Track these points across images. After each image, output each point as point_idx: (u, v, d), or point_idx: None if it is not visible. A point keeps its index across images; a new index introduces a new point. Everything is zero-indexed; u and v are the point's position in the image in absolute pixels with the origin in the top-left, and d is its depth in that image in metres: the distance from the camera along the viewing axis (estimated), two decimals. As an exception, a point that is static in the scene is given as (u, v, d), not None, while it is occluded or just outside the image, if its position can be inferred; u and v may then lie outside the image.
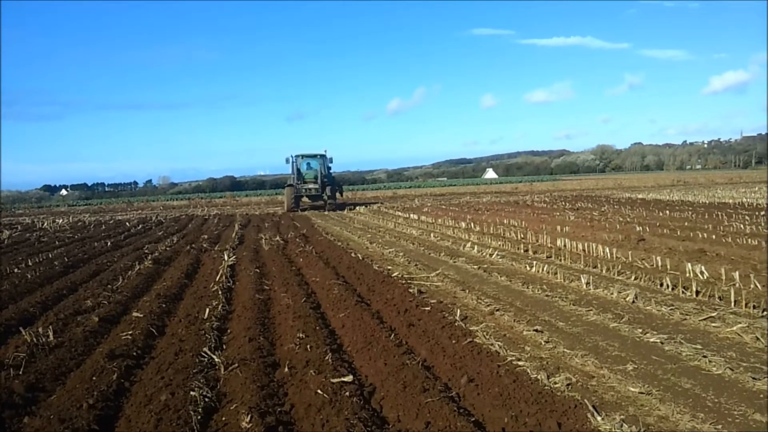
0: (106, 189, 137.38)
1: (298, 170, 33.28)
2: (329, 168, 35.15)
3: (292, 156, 33.43)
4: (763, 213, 20.71)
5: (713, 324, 7.11)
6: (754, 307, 7.69)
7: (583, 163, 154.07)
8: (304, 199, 34.04)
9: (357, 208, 34.67)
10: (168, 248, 16.53)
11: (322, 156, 34.17)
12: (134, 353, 6.66)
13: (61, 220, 33.99)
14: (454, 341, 6.57)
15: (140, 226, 27.46)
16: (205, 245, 17.07)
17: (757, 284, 8.71)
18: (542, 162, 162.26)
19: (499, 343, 6.58)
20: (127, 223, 29.37)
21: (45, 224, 31.20)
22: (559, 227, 17.86)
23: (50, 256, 15.59)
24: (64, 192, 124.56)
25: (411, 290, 9.54)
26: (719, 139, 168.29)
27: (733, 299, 7.98)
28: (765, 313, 7.43)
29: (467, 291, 9.63)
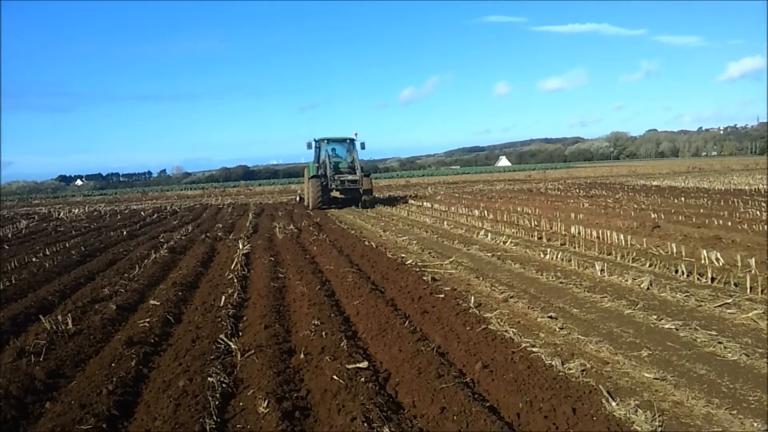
0: (121, 179, 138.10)
1: (328, 157, 25.93)
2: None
3: (314, 140, 26.73)
4: (779, 199, 20.50)
5: (728, 310, 7.08)
6: (770, 293, 7.65)
7: (597, 150, 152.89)
8: (334, 193, 25.91)
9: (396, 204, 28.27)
10: (183, 237, 16.64)
11: (352, 140, 27.04)
12: (152, 340, 6.74)
13: (77, 210, 34.27)
14: (468, 328, 6.59)
15: (155, 215, 27.65)
16: (219, 234, 17.19)
17: (774, 271, 8.66)
18: (556, 149, 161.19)
19: (513, 329, 6.60)
20: (142, 213, 29.55)
21: (61, 214, 31.49)
22: (573, 214, 17.80)
23: (67, 245, 15.76)
24: (79, 182, 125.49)
25: (425, 278, 9.56)
26: (735, 125, 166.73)
27: (748, 285, 7.95)
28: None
29: (481, 278, 9.64)
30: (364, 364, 5.54)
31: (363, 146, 26.77)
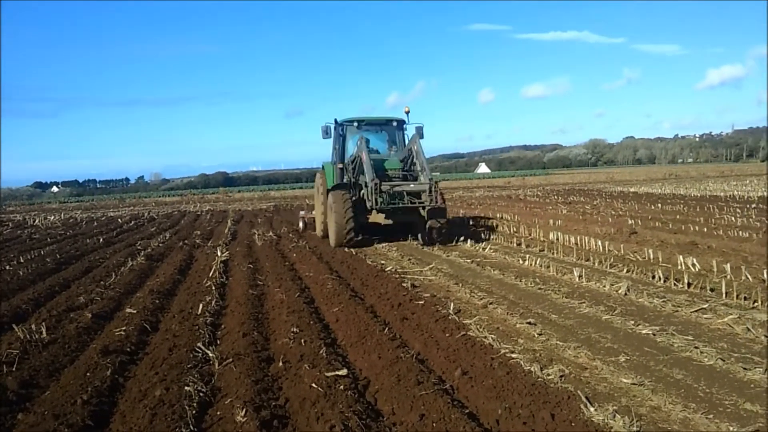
0: (98, 186, 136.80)
1: (366, 151, 14.12)
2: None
3: (336, 122, 15.86)
4: (753, 206, 20.82)
5: (705, 315, 7.16)
6: (745, 298, 7.76)
7: (576, 157, 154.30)
8: (374, 216, 14.45)
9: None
10: (161, 244, 16.48)
11: (400, 123, 16.18)
12: (128, 349, 6.64)
13: (52, 217, 33.82)
14: (447, 334, 6.59)
15: (132, 222, 27.35)
16: (197, 241, 17.04)
17: (748, 276, 8.79)
18: (535, 156, 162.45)
19: (493, 336, 6.60)
20: (119, 220, 29.24)
21: (36, 221, 31.04)
22: (551, 221, 17.91)
23: (42, 253, 15.50)
24: (55, 189, 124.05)
25: (404, 284, 9.55)
26: (711, 132, 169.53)
27: (724, 291, 8.04)
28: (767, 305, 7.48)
29: (460, 284, 9.65)
30: (344, 372, 5.51)
31: (421, 133, 15.50)
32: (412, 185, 13.64)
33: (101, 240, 18.68)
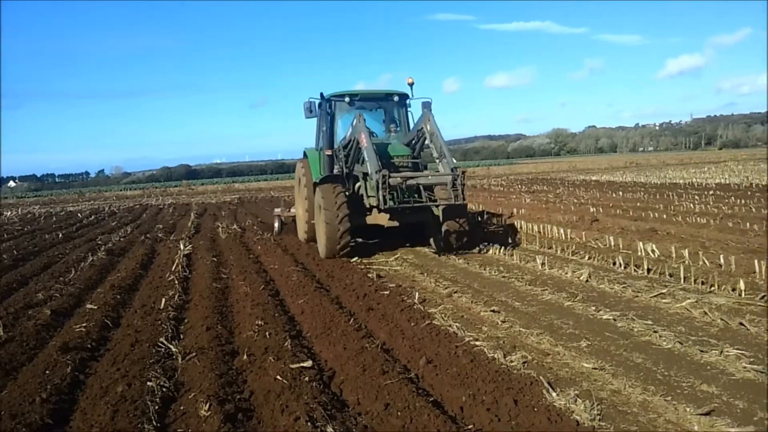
0: (57, 180, 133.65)
1: (367, 134, 10.70)
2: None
3: (321, 98, 12.51)
4: (711, 192, 21.33)
5: (663, 300, 7.31)
6: (702, 282, 7.95)
7: (539, 146, 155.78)
8: (373, 216, 11.71)
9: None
10: (122, 239, 16.19)
11: (402, 97, 12.90)
12: (89, 345, 6.52)
13: (9, 213, 32.97)
14: (412, 324, 6.62)
15: (93, 217, 26.83)
16: (160, 235, 16.80)
17: (705, 261, 9.00)
18: (499, 146, 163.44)
19: (457, 324, 6.65)
20: (79, 215, 28.65)
21: (-7, 217, 30.23)
22: (515, 209, 18.09)
23: (-1, 249, 15.12)
24: (12, 184, 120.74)
25: (370, 275, 9.57)
26: (670, 121, 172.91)
27: (682, 276, 8.22)
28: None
29: (426, 274, 9.70)
30: (309, 363, 5.50)
31: (429, 108, 12.11)
32: (431, 177, 10.52)
33: (60, 235, 18.27)
